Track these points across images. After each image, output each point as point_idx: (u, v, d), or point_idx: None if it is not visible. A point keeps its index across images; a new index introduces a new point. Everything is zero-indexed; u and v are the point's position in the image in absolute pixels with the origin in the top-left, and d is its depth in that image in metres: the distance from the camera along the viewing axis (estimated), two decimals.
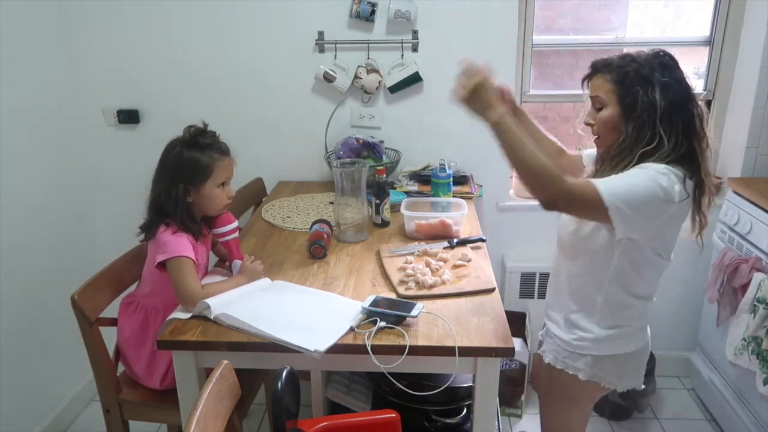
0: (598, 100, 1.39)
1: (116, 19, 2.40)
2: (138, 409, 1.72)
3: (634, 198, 1.27)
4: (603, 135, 1.41)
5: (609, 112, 1.37)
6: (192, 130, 1.61)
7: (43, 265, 2.29)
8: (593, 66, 1.43)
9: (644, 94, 1.31)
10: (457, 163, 2.47)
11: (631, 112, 1.33)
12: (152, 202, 1.60)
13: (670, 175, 1.29)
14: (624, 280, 1.42)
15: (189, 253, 1.54)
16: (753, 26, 2.30)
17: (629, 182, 1.28)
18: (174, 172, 1.57)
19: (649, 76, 1.32)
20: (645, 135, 1.31)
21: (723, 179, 2.50)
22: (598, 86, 1.39)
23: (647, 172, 1.29)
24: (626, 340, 1.47)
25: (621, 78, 1.34)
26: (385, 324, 1.39)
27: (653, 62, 1.34)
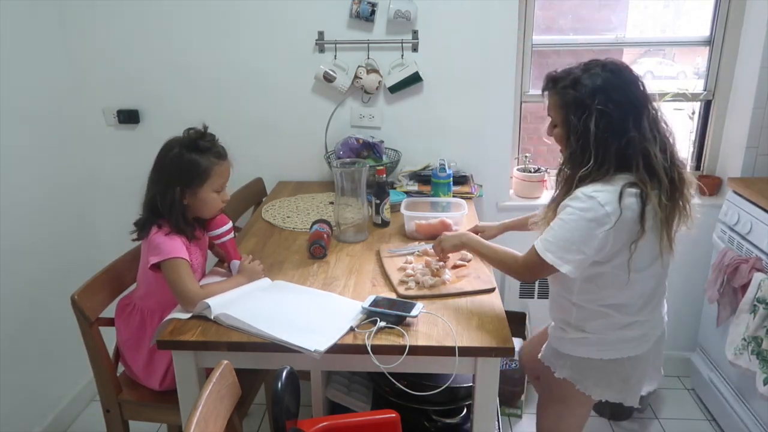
0: (551, 116, 1.47)
1: (116, 19, 2.40)
2: (138, 409, 1.72)
3: (566, 242, 1.34)
4: (561, 147, 1.47)
5: (559, 131, 1.45)
6: (192, 133, 1.60)
7: (43, 265, 2.29)
8: (546, 79, 1.47)
9: (579, 120, 1.35)
10: (457, 163, 2.47)
11: (574, 132, 1.37)
12: (148, 202, 1.59)
13: (595, 199, 1.32)
14: (590, 295, 1.46)
15: (183, 255, 1.53)
16: (753, 26, 2.30)
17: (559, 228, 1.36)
18: (172, 174, 1.56)
19: (582, 101, 1.35)
20: (584, 155, 1.36)
21: (723, 179, 2.50)
22: (550, 104, 1.46)
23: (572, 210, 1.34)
24: (603, 346, 1.48)
25: (564, 103, 1.39)
26: (385, 324, 1.39)
27: (594, 84, 1.35)
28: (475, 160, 2.50)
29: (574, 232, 1.34)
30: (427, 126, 2.49)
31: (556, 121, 1.44)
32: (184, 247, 1.57)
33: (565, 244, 1.35)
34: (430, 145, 2.50)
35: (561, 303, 1.53)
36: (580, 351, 1.50)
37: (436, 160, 2.27)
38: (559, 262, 1.35)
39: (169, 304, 1.55)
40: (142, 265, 1.65)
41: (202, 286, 1.54)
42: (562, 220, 1.36)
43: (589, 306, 1.47)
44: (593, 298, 1.46)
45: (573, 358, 1.51)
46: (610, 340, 1.47)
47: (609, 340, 1.47)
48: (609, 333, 1.47)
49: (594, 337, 1.48)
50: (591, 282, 1.44)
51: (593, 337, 1.48)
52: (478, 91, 2.43)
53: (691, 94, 2.45)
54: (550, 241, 1.37)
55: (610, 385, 1.50)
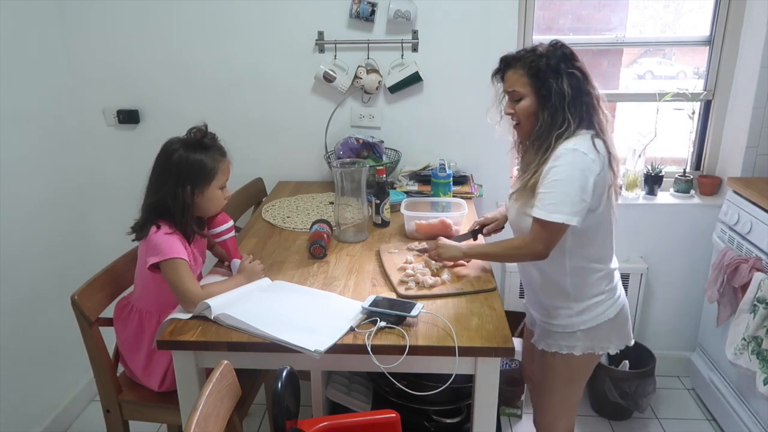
0: (516, 93, 1.51)
1: (116, 19, 2.40)
2: (138, 409, 1.72)
3: (567, 196, 1.40)
4: (523, 122, 1.53)
5: (527, 103, 1.50)
6: (195, 132, 1.61)
7: (43, 265, 2.29)
8: (504, 61, 1.55)
9: (556, 84, 1.45)
10: (457, 163, 2.47)
11: (546, 101, 1.46)
12: (151, 204, 1.58)
13: (578, 150, 1.42)
14: (581, 250, 1.52)
15: (182, 255, 1.53)
16: (753, 26, 2.30)
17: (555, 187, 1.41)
18: (180, 175, 1.55)
19: (556, 67, 1.45)
20: (557, 120, 1.46)
21: (723, 179, 2.50)
22: (514, 81, 1.51)
23: (561, 167, 1.41)
24: (606, 306, 1.56)
25: (534, 72, 1.47)
26: (385, 324, 1.39)
27: (557, 54, 1.47)
28: (475, 160, 2.50)
29: (572, 185, 1.40)
30: (427, 126, 2.49)
31: (522, 95, 1.49)
32: (183, 248, 1.56)
33: (567, 198, 1.40)
34: (430, 145, 2.50)
35: (555, 282, 1.56)
36: (588, 322, 1.55)
37: (436, 160, 2.27)
38: (568, 217, 1.40)
39: (168, 305, 1.55)
40: (140, 266, 1.64)
41: (203, 286, 1.54)
42: (555, 180, 1.41)
43: (582, 266, 1.53)
44: (585, 254, 1.53)
45: (585, 330, 1.56)
46: (606, 298, 1.56)
47: (605, 299, 1.56)
48: (605, 287, 1.56)
49: (597, 298, 1.55)
50: (581, 238, 1.50)
51: (597, 299, 1.55)
52: (478, 91, 2.42)
53: (691, 94, 2.45)
54: (553, 203, 1.41)
55: (620, 336, 1.60)
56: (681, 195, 2.52)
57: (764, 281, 1.92)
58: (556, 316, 1.59)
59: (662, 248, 2.53)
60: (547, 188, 1.42)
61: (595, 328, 1.56)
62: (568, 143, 1.43)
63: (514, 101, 1.52)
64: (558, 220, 1.40)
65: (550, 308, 1.61)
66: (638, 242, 2.53)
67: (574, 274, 1.54)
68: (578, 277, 1.54)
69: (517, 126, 1.56)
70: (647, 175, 2.52)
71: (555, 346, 1.60)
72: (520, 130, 1.56)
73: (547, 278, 1.58)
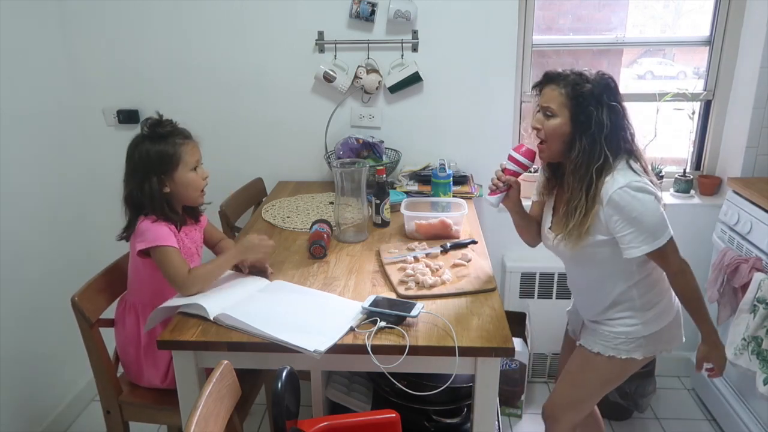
0: (550, 110, 1.49)
1: (116, 19, 2.40)
2: (138, 410, 1.72)
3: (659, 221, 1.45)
4: (550, 142, 1.52)
5: (558, 123, 1.49)
6: (149, 123, 1.63)
7: (43, 265, 2.29)
8: (547, 75, 1.53)
9: (596, 114, 1.44)
10: (457, 163, 2.47)
11: (585, 129, 1.46)
12: (126, 200, 1.62)
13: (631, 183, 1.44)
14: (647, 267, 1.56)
15: (171, 242, 1.56)
16: (753, 26, 2.30)
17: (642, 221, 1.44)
18: (144, 167, 1.58)
19: (599, 97, 1.45)
20: (595, 152, 1.46)
21: (723, 179, 2.50)
22: (551, 97, 1.49)
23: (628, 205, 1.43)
24: (667, 310, 1.60)
25: (576, 95, 1.46)
26: (385, 324, 1.39)
27: (602, 84, 1.47)
28: (475, 160, 2.50)
29: (650, 215, 1.44)
30: (427, 126, 2.49)
31: (555, 114, 1.48)
32: (173, 235, 1.59)
33: (654, 225, 1.44)
34: (430, 145, 2.50)
35: (617, 290, 1.57)
36: (652, 327, 1.58)
37: (436, 160, 2.27)
38: (666, 231, 1.46)
39: (162, 294, 1.57)
40: (132, 258, 1.67)
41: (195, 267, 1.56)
42: (633, 218, 1.43)
43: (647, 279, 1.56)
44: (649, 269, 1.56)
45: (647, 337, 1.58)
46: (667, 302, 1.60)
47: (667, 303, 1.60)
48: (665, 295, 1.60)
49: (659, 306, 1.58)
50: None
51: (659, 307, 1.58)
52: (478, 91, 2.43)
53: (691, 94, 2.45)
54: (647, 235, 1.44)
55: (674, 337, 1.65)
56: (681, 195, 2.52)
57: (764, 281, 1.92)
58: (621, 323, 1.59)
59: None
60: (633, 226, 1.44)
61: (656, 334, 1.58)
62: (615, 180, 1.44)
63: (545, 117, 1.51)
64: (663, 242, 1.45)
65: (615, 317, 1.59)
66: None
67: (641, 285, 1.56)
68: (646, 287, 1.57)
69: (541, 144, 1.55)
70: None
71: (613, 350, 1.59)
72: (544, 149, 1.55)
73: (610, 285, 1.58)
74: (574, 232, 1.50)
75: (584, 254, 1.55)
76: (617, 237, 1.47)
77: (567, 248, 1.55)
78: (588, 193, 1.47)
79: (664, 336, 1.60)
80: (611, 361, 1.60)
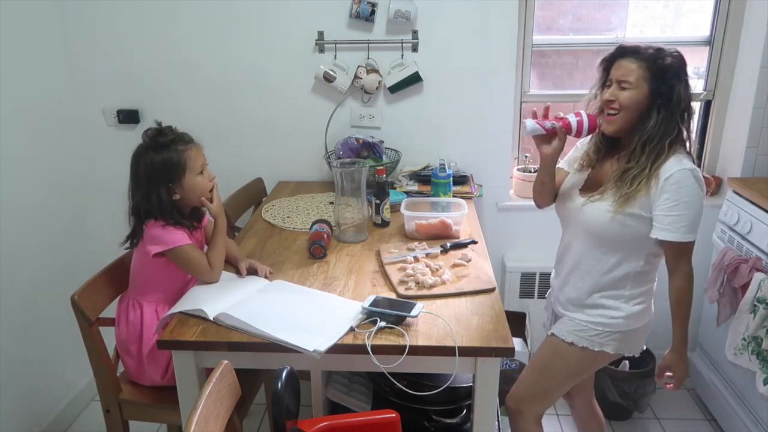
0: (626, 82, 1.48)
1: (116, 18, 2.40)
2: (138, 409, 1.72)
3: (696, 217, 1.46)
4: (624, 113, 1.50)
5: (636, 95, 1.48)
6: (150, 133, 1.64)
7: (43, 265, 2.29)
8: (622, 49, 1.52)
9: (678, 88, 1.45)
10: (457, 163, 2.47)
11: (666, 102, 1.46)
12: (133, 210, 1.63)
13: (696, 169, 1.46)
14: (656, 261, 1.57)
15: (186, 241, 1.60)
16: (753, 26, 2.30)
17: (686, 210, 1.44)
18: (150, 178, 1.60)
19: (678, 72, 1.47)
20: (671, 125, 1.46)
21: (723, 179, 2.50)
22: (629, 70, 1.48)
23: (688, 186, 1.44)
24: (647, 312, 1.61)
25: (658, 68, 1.46)
26: (385, 324, 1.39)
27: (681, 60, 1.48)
28: (475, 160, 2.50)
29: (698, 205, 1.45)
30: (427, 126, 2.49)
31: (633, 86, 1.47)
32: (186, 235, 1.62)
33: (697, 218, 1.46)
34: (430, 145, 2.50)
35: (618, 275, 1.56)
36: (632, 324, 1.57)
37: (436, 160, 2.27)
38: (695, 235, 1.47)
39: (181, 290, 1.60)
40: (138, 260, 1.67)
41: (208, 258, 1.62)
42: (686, 202, 1.43)
43: (646, 274, 1.57)
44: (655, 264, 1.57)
45: (623, 332, 1.58)
46: (649, 303, 1.61)
47: (649, 305, 1.61)
48: (651, 298, 1.62)
49: (644, 305, 1.59)
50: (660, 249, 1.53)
51: (643, 305, 1.58)
52: (478, 91, 2.43)
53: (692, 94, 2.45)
54: (686, 225, 1.44)
55: (642, 342, 1.65)
56: None
57: (764, 281, 1.92)
58: (600, 312, 1.58)
59: None
60: (680, 210, 1.44)
61: (632, 332, 1.58)
62: (683, 161, 1.45)
63: (621, 89, 1.49)
64: (692, 239, 1.46)
65: (597, 303, 1.59)
66: None
67: (638, 278, 1.56)
68: (640, 281, 1.57)
69: (611, 117, 1.52)
70: None
71: (587, 341, 1.59)
72: (615, 120, 1.52)
73: (614, 270, 1.56)
74: (619, 199, 1.49)
75: (614, 224, 1.51)
76: (656, 215, 1.46)
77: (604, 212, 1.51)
78: (654, 164, 1.46)
79: (636, 336, 1.60)
80: (583, 352, 1.59)
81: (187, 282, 1.70)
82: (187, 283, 1.70)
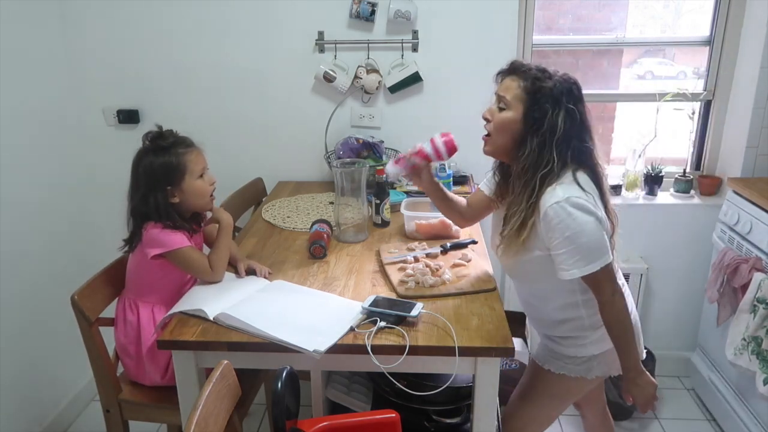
0: (504, 100, 1.42)
1: (116, 19, 2.40)
2: (138, 409, 1.72)
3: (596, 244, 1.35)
4: (495, 135, 1.45)
5: (510, 116, 1.41)
6: (151, 136, 1.64)
7: (43, 265, 2.29)
8: (511, 65, 1.45)
9: (551, 114, 1.35)
10: (457, 163, 2.47)
11: (537, 129, 1.37)
12: (132, 213, 1.63)
13: (572, 198, 1.34)
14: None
15: (185, 242, 1.59)
16: (753, 26, 2.30)
17: (573, 242, 1.34)
18: (150, 181, 1.60)
19: (558, 98, 1.36)
20: (544, 156, 1.37)
21: (723, 179, 2.50)
22: (508, 87, 1.42)
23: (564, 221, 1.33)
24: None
25: (534, 90, 1.37)
26: (385, 324, 1.39)
27: (565, 87, 1.38)
28: (475, 160, 2.48)
29: (586, 235, 1.34)
30: (427, 126, 2.47)
31: (510, 106, 1.41)
32: (185, 237, 1.61)
33: (590, 247, 1.34)
34: None
35: (569, 312, 1.51)
36: (604, 346, 1.51)
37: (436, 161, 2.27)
38: (605, 257, 1.36)
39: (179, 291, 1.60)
40: (135, 262, 1.67)
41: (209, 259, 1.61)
42: (568, 237, 1.34)
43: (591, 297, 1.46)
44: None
45: (597, 356, 1.53)
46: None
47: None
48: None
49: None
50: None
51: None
52: (478, 91, 2.41)
53: (691, 94, 2.45)
54: (580, 257, 1.35)
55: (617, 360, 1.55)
56: (681, 195, 2.52)
57: (764, 281, 1.92)
58: (570, 345, 1.54)
59: (662, 248, 2.53)
60: (565, 246, 1.34)
61: (607, 352, 1.51)
62: (555, 193, 1.35)
63: (498, 109, 1.44)
64: (598, 267, 1.35)
65: (564, 333, 1.55)
66: (638, 242, 2.53)
67: (588, 305, 1.48)
68: (593, 307, 1.46)
69: (487, 138, 1.48)
70: (647, 175, 2.52)
71: (564, 369, 1.56)
72: (488, 143, 1.48)
73: (563, 309, 1.51)
74: (513, 243, 1.42)
75: (524, 269, 1.48)
76: (552, 254, 1.38)
77: (510, 261, 1.48)
78: (528, 201, 1.38)
79: (613, 356, 1.48)
80: (561, 379, 1.56)
81: (185, 283, 1.70)
82: (184, 285, 1.69)
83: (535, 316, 1.65)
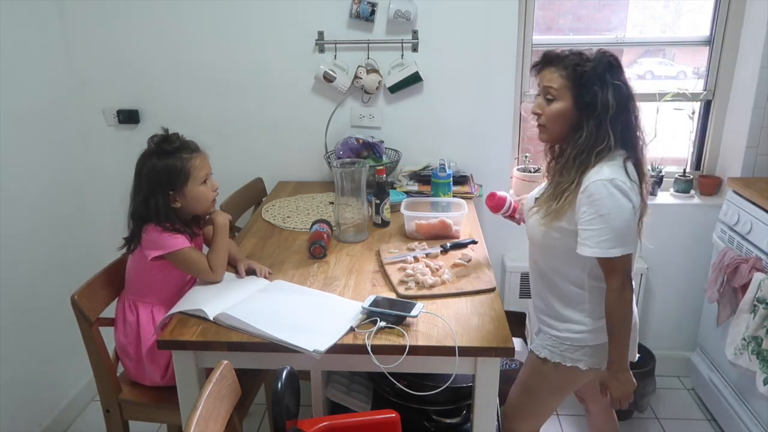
0: (551, 92, 1.43)
1: (116, 19, 2.40)
2: (138, 409, 1.72)
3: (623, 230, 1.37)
4: (550, 126, 1.47)
5: (561, 106, 1.43)
6: (156, 139, 1.63)
7: (43, 265, 2.29)
8: (546, 57, 1.46)
9: (601, 94, 1.38)
10: (457, 163, 2.47)
11: (591, 112, 1.39)
12: (133, 215, 1.63)
13: (616, 179, 1.37)
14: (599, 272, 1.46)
15: (186, 244, 1.59)
16: (753, 26, 2.30)
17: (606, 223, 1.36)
18: (153, 184, 1.59)
19: (603, 77, 1.38)
20: (601, 135, 1.39)
21: (723, 179, 2.50)
22: (551, 79, 1.43)
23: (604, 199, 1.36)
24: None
25: (577, 76, 1.39)
26: (385, 324, 1.39)
27: (604, 62, 1.40)
28: (475, 160, 2.50)
29: (620, 219, 1.36)
30: (427, 126, 2.49)
31: (556, 96, 1.42)
32: (186, 239, 1.61)
33: (620, 232, 1.36)
34: (430, 145, 2.50)
35: (569, 288, 1.52)
36: (601, 338, 1.51)
37: (436, 160, 2.27)
38: (626, 248, 1.38)
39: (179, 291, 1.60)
40: (134, 263, 1.67)
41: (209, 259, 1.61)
42: (602, 216, 1.36)
43: (597, 286, 1.49)
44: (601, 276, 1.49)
45: (593, 346, 1.53)
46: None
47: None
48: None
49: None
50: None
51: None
52: (478, 91, 2.43)
53: (691, 94, 2.45)
54: (607, 239, 1.36)
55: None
56: (681, 195, 2.52)
57: (764, 281, 1.92)
58: (567, 326, 1.54)
59: (662, 248, 2.53)
60: (597, 224, 1.36)
61: (601, 346, 1.51)
62: (602, 171, 1.37)
63: (546, 101, 1.45)
64: (617, 254, 1.37)
65: (563, 315, 1.55)
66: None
67: (593, 293, 1.50)
68: (596, 296, 1.49)
69: (541, 128, 1.49)
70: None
71: (559, 356, 1.56)
72: (544, 132, 1.49)
73: (563, 282, 1.53)
74: (546, 208, 1.46)
75: (545, 236, 1.49)
76: (579, 229, 1.40)
77: (538, 225, 1.50)
78: (581, 177, 1.40)
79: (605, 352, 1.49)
80: (557, 368, 1.56)
81: (184, 284, 1.70)
82: (184, 285, 1.69)
83: (541, 294, 1.62)
